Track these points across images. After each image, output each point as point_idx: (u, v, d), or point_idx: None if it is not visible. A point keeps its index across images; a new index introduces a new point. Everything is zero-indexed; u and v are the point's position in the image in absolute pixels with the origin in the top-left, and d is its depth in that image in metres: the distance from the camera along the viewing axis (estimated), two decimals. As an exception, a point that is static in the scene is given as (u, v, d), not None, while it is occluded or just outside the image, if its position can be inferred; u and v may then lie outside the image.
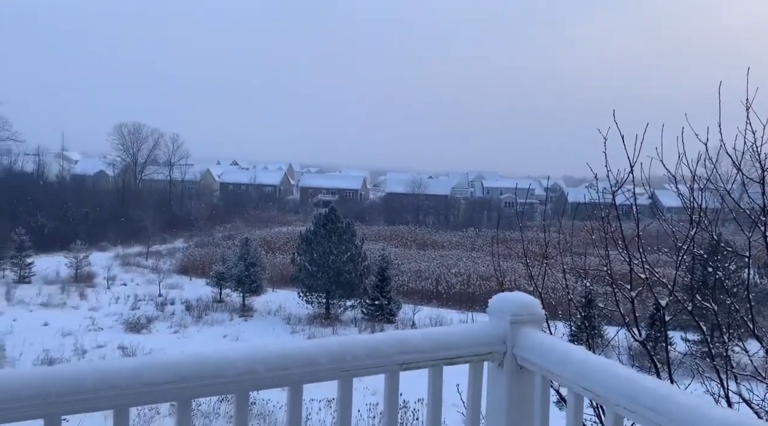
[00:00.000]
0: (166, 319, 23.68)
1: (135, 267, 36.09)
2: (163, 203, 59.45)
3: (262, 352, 1.51)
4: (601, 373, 1.47)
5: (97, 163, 75.46)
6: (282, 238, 44.17)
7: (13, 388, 1.30)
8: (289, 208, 72.25)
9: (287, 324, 24.25)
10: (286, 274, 30.65)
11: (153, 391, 1.40)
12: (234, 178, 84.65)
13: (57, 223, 45.54)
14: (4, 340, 17.81)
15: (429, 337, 1.68)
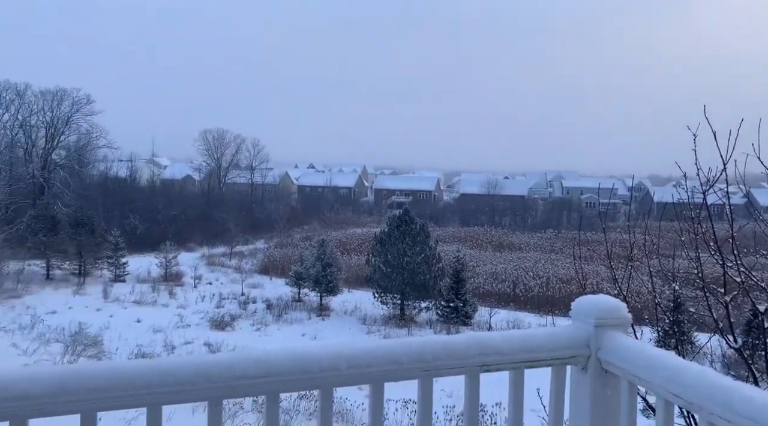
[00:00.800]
0: (249, 317, 24.58)
1: (219, 267, 37.72)
2: (245, 206, 61.85)
3: (346, 350, 1.56)
4: (694, 380, 1.41)
5: (184, 168, 79.59)
6: (357, 239, 44.78)
7: (121, 378, 1.41)
8: (364, 210, 73.13)
9: (363, 324, 24.55)
10: (361, 274, 31.05)
11: (244, 384, 1.48)
12: (311, 181, 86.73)
13: (148, 225, 48.41)
14: (102, 335, 19.07)
15: (509, 339, 1.67)
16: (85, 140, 54.61)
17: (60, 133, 53.09)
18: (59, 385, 1.36)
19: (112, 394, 1.40)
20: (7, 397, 1.32)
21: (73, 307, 24.57)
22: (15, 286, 27.47)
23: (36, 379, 1.37)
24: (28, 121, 52.37)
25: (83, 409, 1.40)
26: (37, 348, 16.08)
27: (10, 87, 51.11)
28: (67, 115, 52.92)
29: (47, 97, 52.32)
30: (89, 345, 16.65)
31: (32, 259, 31.47)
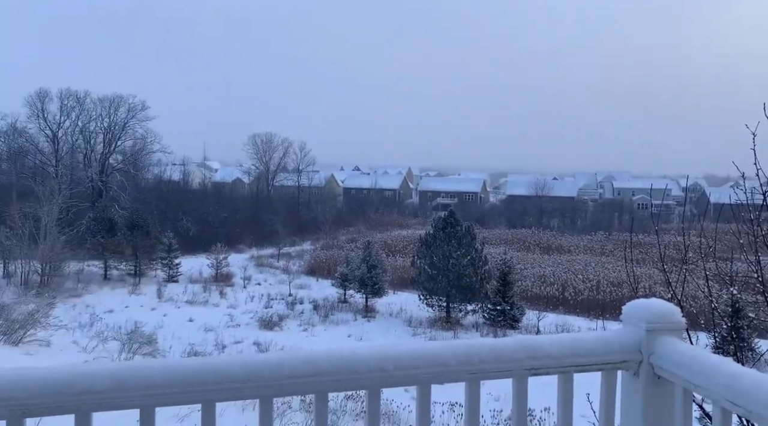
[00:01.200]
0: (296, 317, 24.94)
1: (268, 268, 38.42)
2: (292, 208, 62.82)
3: (392, 351, 1.57)
4: (753, 388, 1.36)
5: (234, 171, 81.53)
6: (402, 241, 44.79)
7: (177, 376, 1.46)
8: (409, 212, 73.11)
9: (408, 326, 24.54)
10: (406, 276, 31.04)
11: (294, 383, 1.52)
12: (356, 183, 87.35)
13: (200, 227, 49.77)
14: (156, 334, 19.70)
15: (558, 342, 1.65)
16: (140, 145, 56.61)
17: (117, 139, 55.21)
18: (120, 381, 1.42)
19: (169, 391, 1.46)
20: (73, 392, 1.39)
21: (129, 306, 25.48)
22: (75, 286, 28.70)
23: (98, 374, 1.44)
24: (88, 127, 54.70)
25: (142, 405, 1.46)
26: (95, 345, 16.74)
27: (71, 95, 53.51)
28: (123, 121, 55.00)
29: (105, 104, 54.53)
30: (144, 343, 17.22)
31: (91, 260, 32.82)
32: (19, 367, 1.51)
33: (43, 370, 1.45)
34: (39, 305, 18.79)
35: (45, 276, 28.00)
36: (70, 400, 1.40)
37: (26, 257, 28.14)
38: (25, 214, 29.39)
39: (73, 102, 53.64)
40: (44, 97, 52.54)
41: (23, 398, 1.38)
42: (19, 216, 29.18)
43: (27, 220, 29.10)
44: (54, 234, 28.97)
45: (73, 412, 1.42)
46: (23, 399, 1.38)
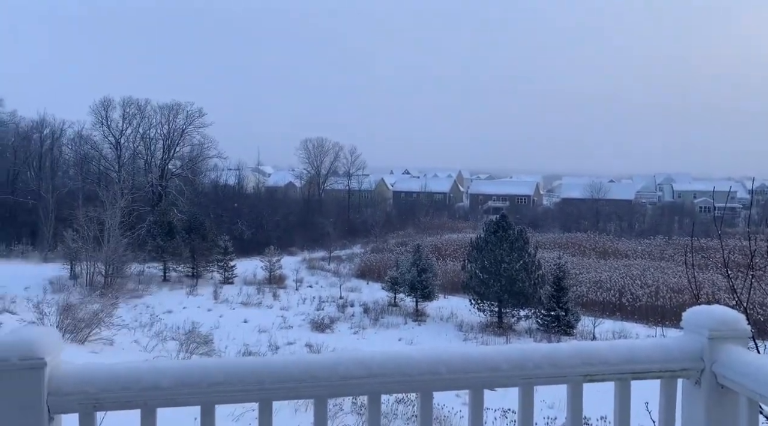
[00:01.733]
0: (347, 320, 25.14)
1: (319, 270, 38.91)
2: (342, 211, 63.46)
3: (445, 355, 1.58)
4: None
5: (287, 175, 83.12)
6: (452, 245, 44.48)
7: (236, 374, 1.52)
8: (459, 215, 72.60)
9: (459, 331, 24.34)
10: (457, 280, 30.80)
11: (347, 384, 1.54)
12: (406, 187, 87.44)
13: (254, 230, 50.92)
14: (213, 334, 20.25)
15: (615, 349, 1.61)
16: (198, 151, 58.40)
17: (175, 145, 57.15)
18: (183, 378, 1.49)
19: (229, 389, 1.51)
20: (139, 387, 1.47)
21: (186, 307, 26.29)
22: (137, 287, 29.85)
23: (163, 371, 1.50)
24: (148, 133, 56.86)
25: (203, 402, 1.52)
26: (155, 345, 17.34)
27: (133, 103, 55.78)
28: (181, 128, 56.90)
29: (164, 111, 56.57)
30: (201, 343, 17.73)
31: (151, 262, 34.07)
32: (89, 362, 1.60)
33: (111, 366, 1.53)
34: (103, 305, 19.62)
35: (108, 277, 29.23)
36: (136, 395, 1.47)
37: (91, 259, 29.46)
38: (90, 218, 30.78)
39: (135, 109, 55.91)
40: (108, 106, 54.99)
41: (94, 392, 1.46)
42: (84, 219, 30.59)
43: (92, 224, 30.47)
44: (117, 237, 30.22)
45: (139, 407, 1.49)
46: (94, 393, 1.46)
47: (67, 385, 1.44)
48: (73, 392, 1.44)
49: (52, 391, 1.42)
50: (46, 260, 35.21)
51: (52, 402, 1.43)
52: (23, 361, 1.39)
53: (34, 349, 1.40)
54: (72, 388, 1.44)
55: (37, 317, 17.09)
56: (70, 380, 1.45)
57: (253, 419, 7.91)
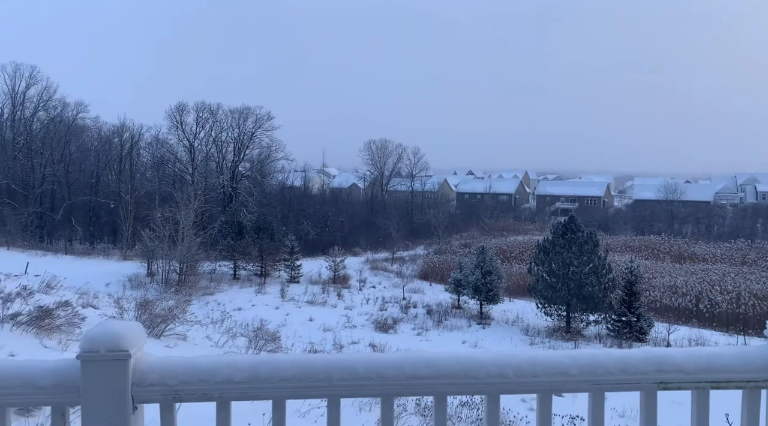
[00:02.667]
0: (410, 321, 25.16)
1: (382, 271, 39.14)
2: (405, 213, 63.61)
3: (513, 358, 1.56)
4: None
5: (350, 176, 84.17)
6: (518, 247, 43.66)
7: (306, 370, 1.56)
8: (525, 217, 71.16)
9: (525, 335, 23.86)
10: (522, 283, 30.21)
11: (414, 384, 1.56)
12: (470, 188, 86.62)
13: (319, 231, 51.88)
14: (280, 331, 20.75)
15: (692, 356, 1.55)
16: (266, 153, 60.08)
17: (245, 148, 59.03)
18: (256, 373, 1.55)
19: (298, 384, 1.56)
20: (215, 380, 1.53)
21: (255, 305, 27.07)
22: (208, 285, 31.02)
23: (237, 365, 1.57)
24: (220, 137, 59.01)
25: (275, 396, 1.57)
26: (226, 341, 17.95)
27: (206, 107, 58.09)
28: (251, 131, 58.72)
29: (235, 115, 58.56)
30: (269, 340, 18.20)
31: (222, 261, 35.32)
32: (169, 356, 1.69)
33: (189, 360, 1.61)
34: (177, 302, 20.50)
35: (182, 275, 30.53)
36: (212, 388, 1.54)
37: (166, 257, 30.86)
38: (166, 218, 32.25)
39: (207, 114, 58.18)
40: (182, 110, 57.48)
41: (173, 384, 1.54)
42: (161, 219, 32.08)
43: (167, 224, 31.91)
44: (190, 236, 31.51)
45: (215, 400, 1.56)
46: (173, 385, 1.54)
47: (150, 376, 1.53)
48: (155, 383, 1.53)
49: (136, 381, 1.51)
50: (126, 258, 37.16)
51: (136, 392, 1.51)
52: (110, 352, 1.49)
53: (120, 342, 1.49)
54: (154, 379, 1.53)
55: (117, 312, 18.07)
56: (153, 372, 1.54)
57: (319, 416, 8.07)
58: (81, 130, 58.15)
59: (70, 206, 51.64)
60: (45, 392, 1.51)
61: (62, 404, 1.55)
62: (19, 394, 1.51)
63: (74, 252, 41.87)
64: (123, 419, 1.50)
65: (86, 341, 1.49)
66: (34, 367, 1.55)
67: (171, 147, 58.57)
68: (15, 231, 43.59)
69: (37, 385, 1.51)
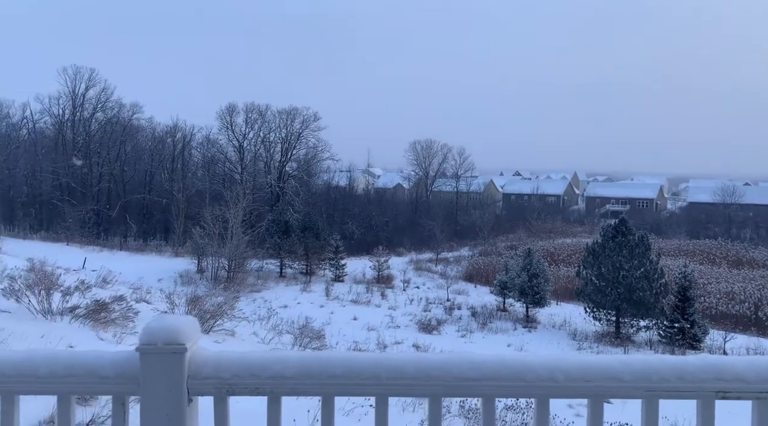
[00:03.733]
0: (454, 322, 25.01)
1: (426, 272, 39.05)
2: (450, 213, 63.23)
3: (563, 362, 1.54)
4: None
5: (395, 177, 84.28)
6: (566, 249, 42.79)
7: (354, 368, 1.58)
8: (574, 219, 69.68)
9: (573, 339, 23.37)
10: (570, 287, 29.59)
11: (462, 385, 1.55)
12: (516, 189, 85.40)
13: (363, 231, 52.15)
14: (324, 330, 20.98)
15: (754, 365, 1.49)
16: (312, 153, 60.84)
17: (292, 148, 59.94)
18: (306, 369, 1.57)
19: (347, 382, 1.58)
20: (266, 375, 1.57)
21: (300, 303, 27.46)
22: (256, 282, 31.65)
23: (287, 362, 1.60)
24: (268, 137, 60.11)
25: (324, 393, 1.60)
26: (272, 338, 18.26)
27: (255, 108, 59.28)
28: (298, 132, 59.57)
29: (283, 116, 59.54)
30: (314, 338, 18.42)
31: (269, 259, 35.97)
32: (222, 350, 1.74)
33: (242, 354, 1.65)
34: (226, 298, 20.97)
35: (231, 272, 31.25)
36: (264, 383, 1.57)
37: (216, 255, 31.65)
38: (215, 216, 33.07)
39: (256, 115, 59.35)
40: (232, 111, 58.82)
41: (227, 378, 1.58)
42: (210, 218, 32.92)
43: (217, 222, 32.71)
44: (239, 234, 32.21)
45: (266, 394, 1.59)
46: (227, 379, 1.58)
47: (205, 369, 1.58)
48: (209, 376, 1.57)
49: (191, 374, 1.56)
50: (177, 255, 38.30)
51: (192, 384, 1.57)
52: (167, 345, 1.54)
53: (176, 336, 1.55)
54: (208, 372, 1.58)
55: (168, 307, 18.63)
56: (207, 365, 1.58)
57: (362, 415, 8.12)
58: (136, 131, 60.25)
59: (125, 204, 53.58)
60: (107, 382, 1.58)
61: (122, 394, 1.62)
62: (83, 383, 1.59)
63: (129, 248, 43.45)
64: (179, 411, 1.55)
65: (145, 334, 1.55)
66: (97, 357, 1.62)
67: (221, 147, 60.03)
68: (74, 227, 45.56)
69: (99, 375, 1.58)
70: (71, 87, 57.36)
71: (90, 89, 57.84)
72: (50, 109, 58.25)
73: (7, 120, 60.60)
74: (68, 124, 58.19)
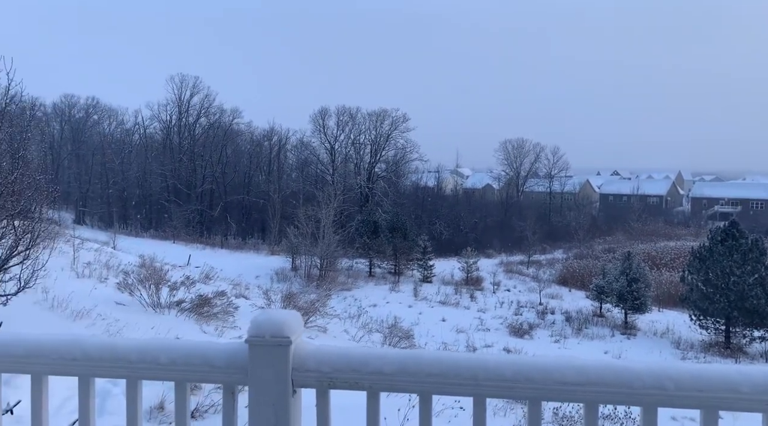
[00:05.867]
0: (547, 327, 24.30)
1: (517, 274, 38.19)
2: (542, 214, 61.47)
3: (672, 370, 1.47)
4: None
5: (484, 177, 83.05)
6: (669, 253, 40.34)
7: (451, 367, 1.59)
8: (678, 221, 65.53)
9: (676, 348, 22.00)
10: (674, 293, 27.87)
11: (563, 389, 1.52)
12: (615, 189, 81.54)
13: (452, 231, 51.85)
14: (413, 330, 21.07)
15: None
16: (401, 154, 61.31)
17: (381, 149, 60.71)
18: (404, 366, 1.60)
19: (444, 381, 1.59)
20: (366, 371, 1.61)
21: (389, 302, 27.75)
22: (346, 280, 32.35)
23: (386, 358, 1.64)
24: (358, 139, 61.26)
25: (421, 390, 1.62)
26: (362, 336, 18.61)
27: (346, 111, 60.64)
28: (387, 133, 60.26)
29: (372, 118, 60.46)
30: (403, 337, 18.57)
31: (358, 258, 36.64)
32: (324, 344, 1.81)
33: (342, 349, 1.70)
34: (318, 296, 21.63)
35: (323, 270, 32.13)
36: (363, 378, 1.62)
37: (309, 253, 32.66)
38: (308, 216, 34.14)
39: (347, 117, 60.68)
40: (324, 114, 60.51)
41: (328, 372, 1.64)
42: (304, 218, 34.02)
43: (310, 222, 33.76)
44: (330, 234, 33.06)
45: (365, 389, 1.64)
46: (328, 372, 1.64)
47: (308, 362, 1.65)
48: (312, 369, 1.64)
49: (295, 366, 1.64)
50: (273, 253, 39.89)
51: (296, 376, 1.64)
52: (274, 338, 1.63)
53: (283, 329, 1.63)
54: (311, 365, 1.64)
55: (265, 303, 19.48)
56: (310, 359, 1.65)
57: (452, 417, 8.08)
58: (236, 135, 63.43)
59: (225, 204, 56.57)
60: (219, 371, 1.69)
61: (232, 383, 1.72)
62: (198, 372, 1.70)
63: (229, 246, 45.83)
64: (284, 401, 1.63)
65: (254, 327, 1.64)
66: (210, 347, 1.73)
67: (314, 149, 61.89)
68: (179, 226, 48.70)
69: (212, 364, 1.69)
70: (177, 94, 61.38)
71: (194, 96, 61.61)
72: (159, 115, 62.67)
73: (122, 126, 65.82)
74: (175, 129, 62.27)
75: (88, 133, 62.78)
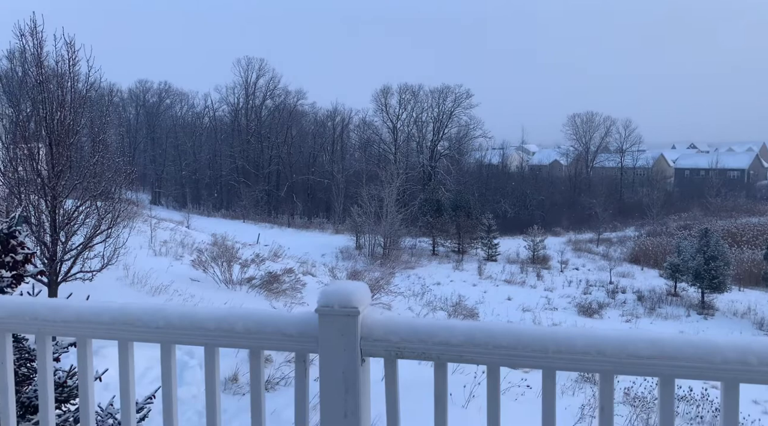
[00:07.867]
0: (617, 306, 23.61)
1: (586, 253, 37.17)
2: (613, 191, 59.34)
3: (757, 345, 1.40)
4: None
5: (552, 153, 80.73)
6: (751, 230, 38.13)
7: (521, 339, 1.57)
8: (762, 196, 61.72)
9: (758, 329, 20.89)
10: (756, 271, 26.41)
11: (637, 363, 1.47)
12: (691, 163, 77.52)
13: (517, 209, 50.95)
14: (477, 308, 20.99)
15: None
16: (464, 131, 60.55)
17: (444, 127, 60.17)
18: (471, 337, 1.60)
19: (513, 353, 1.57)
20: (434, 342, 1.62)
21: (453, 281, 27.70)
22: (409, 259, 32.51)
23: (453, 330, 1.64)
24: (420, 117, 60.93)
25: (489, 362, 1.61)
26: (426, 313, 18.72)
27: (408, 89, 60.31)
28: (450, 110, 59.60)
29: (435, 95, 59.88)
30: (467, 316, 18.55)
31: (421, 237, 36.69)
32: (391, 315, 1.83)
33: (410, 320, 1.72)
34: (383, 273, 21.88)
35: (386, 249, 32.43)
36: (431, 348, 1.63)
37: (372, 232, 33.01)
38: (371, 196, 34.42)
39: (409, 95, 60.36)
40: (387, 93, 60.43)
41: (396, 341, 1.66)
42: (367, 197, 34.33)
43: (373, 201, 34.04)
44: (393, 213, 33.25)
45: (433, 360, 1.65)
46: (396, 342, 1.66)
47: (376, 332, 1.67)
48: (379, 339, 1.67)
49: (363, 336, 1.67)
50: (337, 232, 40.58)
51: (364, 345, 1.67)
52: (342, 308, 1.66)
53: (351, 300, 1.66)
54: (379, 335, 1.67)
55: (331, 280, 19.90)
56: (378, 328, 1.68)
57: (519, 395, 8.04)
58: (301, 116, 64.50)
59: (291, 184, 57.84)
60: (291, 339, 1.75)
61: (304, 351, 1.78)
62: (271, 340, 1.77)
63: (295, 225, 46.98)
64: (353, 369, 1.67)
65: (323, 297, 1.69)
66: (282, 317, 1.79)
67: (376, 128, 62.09)
68: (249, 206, 50.26)
69: (284, 333, 1.74)
70: (244, 77, 62.87)
71: (260, 78, 62.95)
72: (227, 98, 64.48)
73: (193, 110, 68.22)
74: (242, 111, 63.95)
75: (161, 116, 65.51)
